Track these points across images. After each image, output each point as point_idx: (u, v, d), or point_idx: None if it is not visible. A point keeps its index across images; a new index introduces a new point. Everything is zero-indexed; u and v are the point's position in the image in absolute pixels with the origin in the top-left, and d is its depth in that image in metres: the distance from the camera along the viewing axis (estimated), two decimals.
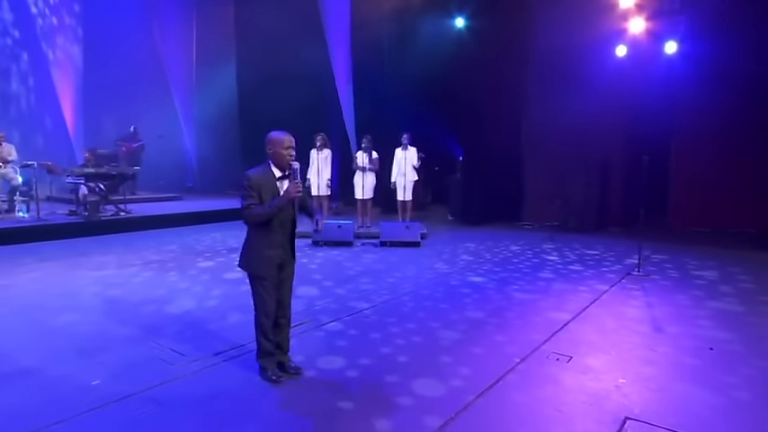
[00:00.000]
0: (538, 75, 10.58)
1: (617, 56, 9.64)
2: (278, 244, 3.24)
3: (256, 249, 3.20)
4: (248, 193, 3.09)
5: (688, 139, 9.58)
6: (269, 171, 3.19)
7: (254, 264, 3.21)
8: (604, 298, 5.34)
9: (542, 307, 5.03)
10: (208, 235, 9.10)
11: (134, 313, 4.71)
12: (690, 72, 8.99)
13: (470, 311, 4.89)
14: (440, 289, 5.68)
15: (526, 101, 10.90)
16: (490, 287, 5.78)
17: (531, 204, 10.91)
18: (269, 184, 3.13)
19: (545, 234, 9.48)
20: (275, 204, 3.10)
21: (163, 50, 15.88)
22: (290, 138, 3.22)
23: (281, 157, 3.17)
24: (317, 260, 7.09)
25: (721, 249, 7.95)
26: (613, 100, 9.70)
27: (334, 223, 8.16)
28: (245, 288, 5.65)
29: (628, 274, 6.36)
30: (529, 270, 6.62)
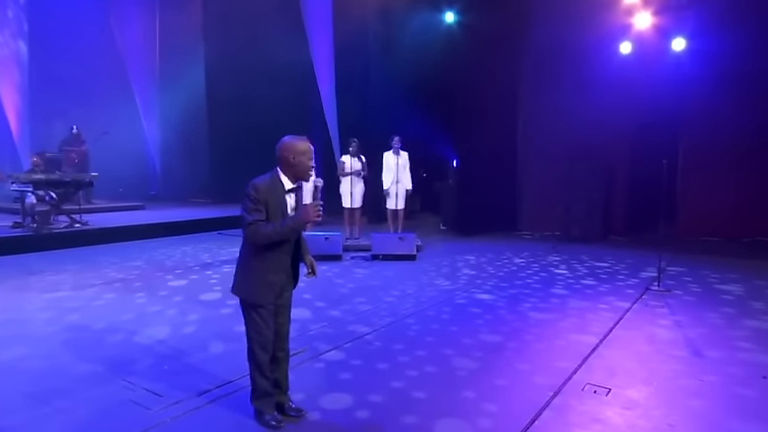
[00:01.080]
0: (535, 74, 10.49)
1: (621, 53, 9.61)
2: (282, 267, 2.94)
3: (257, 273, 2.88)
4: (255, 207, 2.76)
5: (697, 141, 9.58)
6: (278, 181, 2.88)
7: (253, 290, 2.89)
8: (629, 317, 5.15)
9: (563, 328, 4.81)
10: (177, 249, 8.66)
11: (97, 344, 4.29)
12: (699, 71, 8.99)
13: (484, 335, 4.63)
14: (446, 309, 5.42)
15: (523, 102, 10.80)
16: (501, 305, 5.55)
17: (530, 212, 10.78)
18: (277, 196, 2.84)
19: (548, 245, 9.33)
20: (290, 226, 2.77)
21: (122, 44, 15.33)
22: (311, 148, 2.93)
23: (305, 168, 2.87)
24: (303, 277, 6.72)
25: (739, 260, 7.90)
26: (617, 101, 9.64)
27: (320, 235, 7.87)
28: (225, 311, 5.37)
29: (647, 289, 6.21)
30: (539, 285, 6.43)
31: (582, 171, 9.91)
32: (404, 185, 8.77)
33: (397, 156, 8.73)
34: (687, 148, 9.87)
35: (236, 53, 13.69)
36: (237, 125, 13.80)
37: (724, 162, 9.40)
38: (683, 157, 9.99)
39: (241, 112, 13.64)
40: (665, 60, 9.37)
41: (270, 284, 2.89)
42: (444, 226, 11.28)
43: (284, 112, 12.56)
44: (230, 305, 5.43)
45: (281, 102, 12.54)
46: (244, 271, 2.93)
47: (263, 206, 2.78)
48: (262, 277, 2.88)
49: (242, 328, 4.85)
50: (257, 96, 13.11)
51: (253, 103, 13.31)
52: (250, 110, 13.33)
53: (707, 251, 8.63)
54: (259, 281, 2.88)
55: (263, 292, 2.89)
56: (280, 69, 12.48)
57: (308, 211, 2.77)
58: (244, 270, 2.93)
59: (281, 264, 2.92)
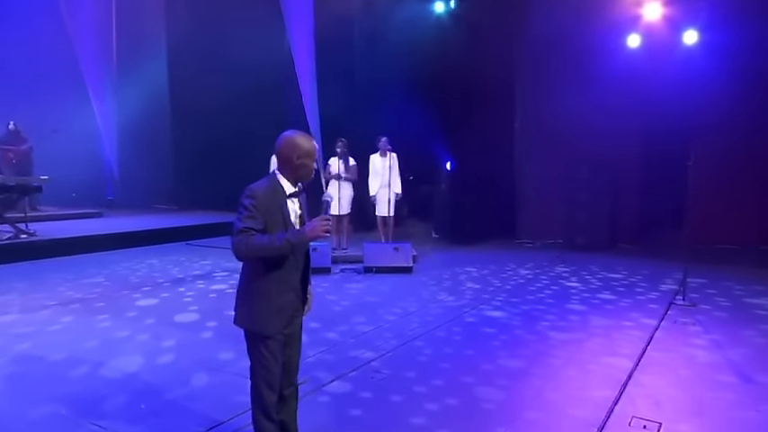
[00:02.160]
0: (535, 70, 10.40)
1: (629, 47, 9.57)
2: (291, 286, 2.66)
3: (261, 296, 2.59)
4: (250, 214, 2.49)
5: (709, 142, 9.54)
6: (277, 185, 2.61)
7: (259, 318, 2.59)
8: (659, 336, 5.00)
9: (591, 350, 4.62)
10: (142, 262, 8.24)
11: (56, 379, 3.91)
12: (712, 66, 8.96)
13: (504, 359, 4.42)
14: (456, 328, 5.19)
15: (522, 100, 10.71)
16: (516, 324, 5.36)
17: (530, 219, 10.66)
18: (277, 203, 2.57)
19: (552, 254, 9.21)
20: (290, 240, 2.49)
21: (74, 33, 14.71)
22: (316, 149, 2.66)
23: (309, 171, 2.62)
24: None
25: (762, 270, 7.90)
26: (624, 98, 9.59)
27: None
28: (206, 335, 5.02)
29: (671, 304, 6.10)
30: (553, 300, 6.26)
31: (586, 174, 9.83)
32: (393, 190, 8.56)
33: (385, 158, 8.52)
34: (699, 150, 9.81)
35: (203, 43, 13.28)
36: (206, 123, 13.40)
37: (739, 164, 9.41)
38: (694, 159, 9.97)
39: (209, 109, 13.24)
40: (675, 55, 9.35)
41: (278, 309, 2.61)
42: (437, 234, 11.09)
43: (259, 108, 12.23)
44: (211, 327, 5.10)
45: (255, 97, 12.20)
46: (246, 295, 2.64)
47: (261, 215, 2.51)
48: (268, 301, 2.59)
49: (228, 354, 4.61)
50: (228, 91, 12.73)
51: (223, 99, 12.92)
52: (220, 106, 12.95)
53: (724, 260, 8.60)
54: (265, 306, 2.59)
55: (271, 319, 2.60)
56: (254, 62, 12.13)
57: (314, 226, 2.51)
58: (246, 294, 2.64)
59: (289, 282, 2.64)
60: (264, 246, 2.46)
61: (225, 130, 12.96)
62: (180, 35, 14.13)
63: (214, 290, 6.60)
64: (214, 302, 6.01)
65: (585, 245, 9.67)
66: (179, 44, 14.20)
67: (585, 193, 9.76)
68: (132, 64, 14.83)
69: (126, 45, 15.14)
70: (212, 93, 13.10)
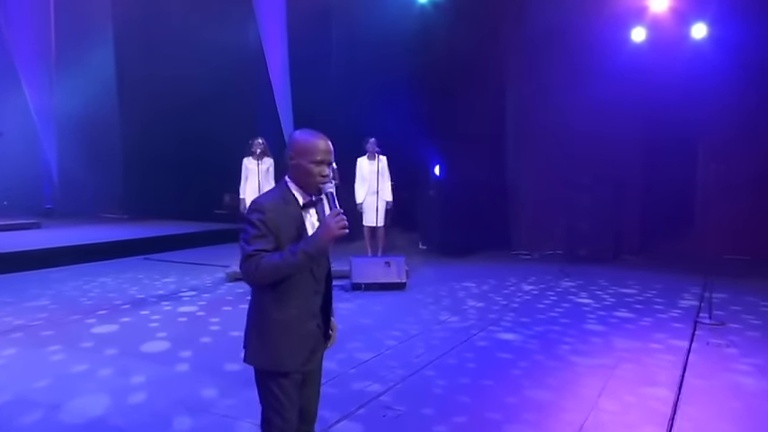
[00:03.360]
0: (531, 66, 10.36)
1: (633, 41, 9.60)
2: (312, 313, 2.41)
3: (278, 326, 2.32)
4: (259, 233, 2.22)
5: (719, 145, 9.66)
6: (289, 196, 2.35)
7: (276, 352, 2.33)
8: (694, 361, 4.88)
9: (623, 378, 4.46)
10: (93, 281, 7.79)
11: (1, 428, 3.52)
12: (722, 62, 9.05)
13: (529, 389, 4.23)
14: (467, 354, 4.99)
15: (517, 99, 10.66)
16: (533, 348, 5.19)
17: (527, 229, 10.59)
18: (291, 216, 2.32)
19: (554, 267, 9.13)
20: (305, 250, 2.22)
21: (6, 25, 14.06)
22: (326, 142, 2.38)
23: (307, 174, 2.34)
24: None
25: None
26: (628, 96, 9.63)
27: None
28: (182, 367, 4.64)
29: (697, 323, 6.01)
30: (567, 320, 6.14)
31: (588, 179, 9.79)
32: (382, 197, 8.36)
33: (373, 161, 8.32)
34: (708, 153, 9.95)
35: (157, 29, 12.85)
36: (161, 120, 12.96)
37: (751, 168, 9.49)
38: (702, 163, 10.06)
39: (165, 105, 12.82)
40: (683, 50, 9.42)
41: (297, 341, 2.35)
42: (424, 245, 10.91)
43: (224, 106, 11.87)
44: (186, 359, 4.76)
45: (220, 93, 11.84)
46: (258, 327, 2.36)
47: (272, 232, 2.25)
48: (284, 333, 2.33)
49: (211, 391, 4.25)
50: (187, 85, 12.35)
51: (181, 94, 12.54)
52: (178, 102, 12.55)
53: (739, 273, 8.63)
54: (281, 338, 2.33)
55: (289, 354, 2.34)
56: (218, 52, 11.81)
57: (328, 225, 2.24)
58: (258, 326, 2.36)
59: (310, 309, 2.39)
60: (278, 265, 2.20)
61: (184, 130, 12.56)
62: (130, 20, 13.62)
63: (183, 313, 6.23)
64: (185, 328, 5.65)
65: (588, 256, 9.61)
66: (128, 30, 13.69)
67: (588, 200, 9.72)
68: (73, 52, 14.28)
69: (66, 30, 14.52)
70: (169, 87, 12.69)
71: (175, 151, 12.94)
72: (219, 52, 11.85)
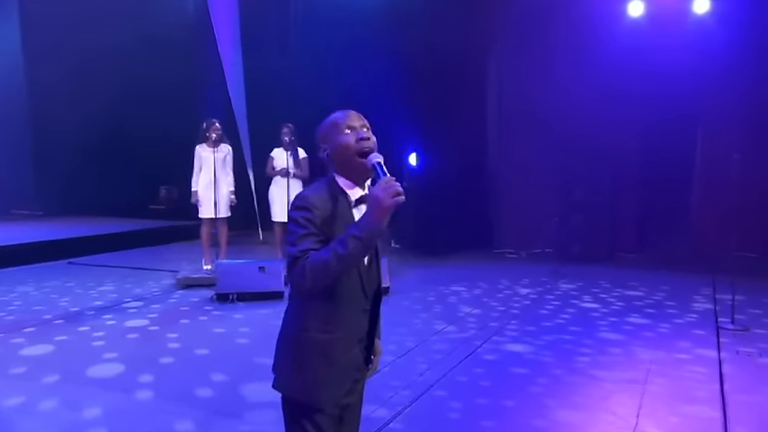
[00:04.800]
0: (518, 45, 10.30)
1: (630, 16, 9.62)
2: (357, 335, 2.18)
3: (320, 351, 2.09)
4: (307, 232, 1.98)
5: (722, 130, 9.78)
6: (337, 190, 2.12)
7: (311, 381, 2.09)
8: (729, 372, 4.83)
9: (659, 395, 4.37)
10: (12, 291, 7.28)
11: None
12: (726, 40, 9.12)
13: (556, 410, 4.10)
14: (477, 370, 4.83)
15: (502, 81, 10.60)
16: (549, 361, 5.08)
17: (512, 225, 10.53)
18: (341, 215, 2.08)
19: (546, 267, 9.10)
20: (356, 235, 1.93)
21: None
22: (352, 112, 2.19)
23: (345, 149, 2.11)
24: (242, 330, 5.84)
25: None
26: (624, 76, 9.61)
27: (249, 264, 7.10)
28: (144, 395, 4.25)
29: (719, 329, 6.02)
30: (577, 327, 6.07)
31: (581, 171, 9.78)
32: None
33: None
34: (708, 138, 10.10)
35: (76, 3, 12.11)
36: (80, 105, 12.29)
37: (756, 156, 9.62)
38: (701, 152, 10.21)
39: (85, 88, 12.17)
40: (684, 26, 9.49)
41: (339, 369, 2.12)
42: (397, 243, 10.71)
43: (160, 84, 11.33)
44: (147, 384, 4.40)
45: (153, 70, 11.28)
46: (292, 348, 2.12)
47: (322, 231, 2.01)
48: (325, 358, 2.09)
49: (186, 424, 3.91)
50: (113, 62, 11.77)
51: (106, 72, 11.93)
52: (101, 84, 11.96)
53: (750, 272, 8.69)
54: (321, 365, 2.09)
55: (328, 385, 2.10)
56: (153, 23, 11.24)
57: (377, 196, 1.93)
58: (292, 347, 2.12)
59: (355, 329, 2.16)
60: (327, 261, 1.93)
61: (111, 113, 11.97)
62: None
63: (132, 327, 5.83)
64: (138, 346, 5.27)
65: (582, 255, 9.60)
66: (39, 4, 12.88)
67: (581, 191, 9.70)
68: None
69: None
70: (91, 63, 12.07)
71: (100, 138, 12.30)
72: (156, 22, 11.30)
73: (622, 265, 9.43)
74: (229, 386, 4.42)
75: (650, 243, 10.21)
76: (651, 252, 10.05)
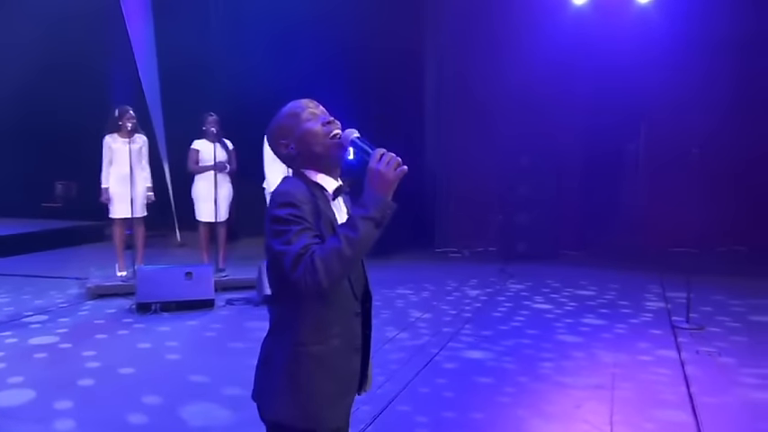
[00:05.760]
0: (457, 34, 10.38)
1: (574, 4, 9.84)
2: (355, 344, 2.16)
3: (317, 364, 2.04)
4: (302, 227, 1.92)
5: (664, 127, 10.20)
6: (312, 184, 2.10)
7: (313, 402, 2.04)
8: (693, 374, 4.99)
9: (629, 401, 4.51)
10: None
11: None
12: (670, 31, 9.46)
13: (529, 421, 4.16)
14: (439, 380, 4.84)
15: (442, 77, 10.66)
16: (512, 368, 5.16)
17: (454, 223, 10.61)
18: (323, 212, 2.04)
19: (492, 266, 9.24)
20: (364, 215, 1.90)
21: None
22: (311, 101, 2.21)
23: (312, 137, 2.11)
24: (171, 345, 5.62)
25: (740, 278, 8.56)
26: (568, 67, 9.88)
27: (174, 269, 6.88)
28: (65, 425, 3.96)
29: (675, 328, 6.26)
30: (534, 331, 6.21)
31: (527, 162, 9.94)
32: None
33: None
34: (651, 136, 10.51)
35: None
36: None
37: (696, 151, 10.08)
38: (645, 148, 10.62)
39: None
40: (627, 16, 9.79)
41: (339, 385, 2.11)
42: None
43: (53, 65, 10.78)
44: (67, 412, 4.15)
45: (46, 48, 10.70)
46: (286, 365, 2.04)
47: (312, 224, 1.97)
48: (324, 372, 2.05)
49: None
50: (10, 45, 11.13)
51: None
52: None
53: (694, 268, 9.03)
54: (320, 381, 2.05)
55: (329, 404, 2.08)
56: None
57: (379, 171, 1.96)
58: (285, 363, 2.04)
59: (350, 335, 2.13)
60: (340, 249, 1.86)
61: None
62: None
63: (38, 345, 5.50)
64: (48, 367, 4.98)
65: (527, 253, 9.78)
66: None
67: (526, 187, 9.86)
68: None
69: None
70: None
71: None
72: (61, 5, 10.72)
73: (568, 263, 9.68)
74: (165, 409, 4.24)
75: (594, 240, 10.51)
76: (595, 249, 10.35)
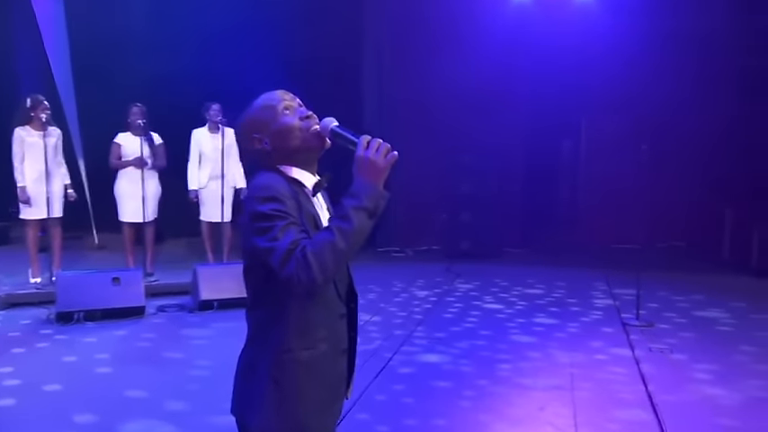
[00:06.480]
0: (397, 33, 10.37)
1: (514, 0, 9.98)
2: (342, 346, 2.09)
3: (306, 371, 1.96)
4: (287, 222, 1.84)
5: (602, 123, 10.45)
6: (291, 180, 2.02)
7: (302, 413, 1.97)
8: (648, 372, 5.10)
9: (590, 402, 4.59)
10: None
11: None
12: (612, 29, 9.65)
13: (493, 425, 4.17)
14: (397, 387, 4.80)
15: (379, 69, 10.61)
16: (470, 371, 5.18)
17: (398, 222, 10.55)
18: (305, 205, 1.98)
19: (438, 266, 9.28)
20: (356, 206, 1.84)
21: None
22: (285, 92, 2.12)
23: (288, 131, 2.02)
24: (101, 357, 5.37)
25: (682, 273, 8.86)
26: (509, 70, 9.97)
27: (99, 274, 6.63)
28: None
29: (625, 326, 6.40)
30: (487, 332, 6.26)
31: (470, 160, 10.00)
32: (230, 183, 7.90)
33: (217, 134, 7.83)
34: (590, 131, 10.74)
35: None
36: None
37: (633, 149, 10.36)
38: (586, 145, 10.85)
39: None
40: (569, 12, 9.97)
41: (327, 392, 2.04)
42: None
43: None
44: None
45: None
46: (272, 375, 1.95)
47: (296, 218, 1.89)
48: (313, 378, 1.98)
49: None
50: None
51: None
52: None
53: (636, 264, 9.34)
54: (310, 389, 1.97)
55: (319, 412, 2.01)
56: None
57: (369, 158, 1.92)
58: (269, 374, 1.95)
59: (336, 337, 2.05)
60: (334, 242, 1.80)
61: None
62: None
63: None
64: None
65: (471, 252, 9.84)
66: None
67: (469, 185, 9.90)
68: None
69: None
70: None
71: None
72: None
73: (513, 261, 9.81)
74: (102, 429, 4.01)
75: (536, 238, 10.67)
76: (537, 247, 10.51)
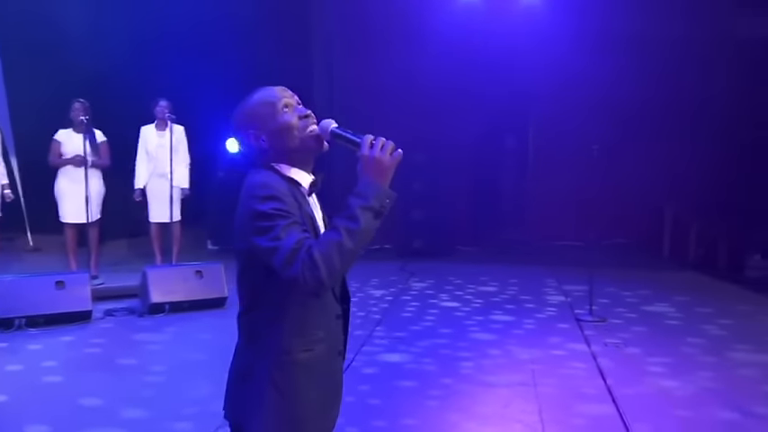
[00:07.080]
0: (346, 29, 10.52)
1: None
2: (338, 347, 2.16)
3: (305, 372, 2.01)
4: (289, 221, 1.87)
5: (550, 122, 10.71)
6: (288, 179, 2.05)
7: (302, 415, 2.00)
8: (606, 366, 5.29)
9: (554, 397, 4.73)
10: None
11: None
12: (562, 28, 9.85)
13: (463, 424, 4.28)
14: (362, 387, 4.85)
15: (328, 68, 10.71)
16: (433, 370, 5.29)
17: None
18: (302, 208, 2.01)
19: (391, 264, 9.40)
20: (363, 205, 1.88)
21: None
22: (285, 89, 2.15)
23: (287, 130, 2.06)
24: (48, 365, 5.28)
25: (629, 270, 9.18)
26: (458, 65, 10.15)
27: (41, 278, 6.49)
28: None
29: (579, 321, 6.63)
30: (447, 329, 6.40)
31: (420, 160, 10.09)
32: (177, 182, 7.83)
33: (164, 132, 7.80)
34: (537, 130, 11.01)
35: None
36: None
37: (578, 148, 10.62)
38: (534, 145, 11.11)
39: None
40: (517, 11, 10.18)
41: (326, 394, 2.09)
42: (215, 244, 10.29)
43: None
44: None
45: None
46: (269, 379, 1.97)
47: (297, 217, 1.93)
48: (311, 381, 2.01)
49: None
50: None
51: None
52: None
53: (583, 261, 9.65)
54: (309, 390, 2.01)
55: (319, 414, 2.06)
56: None
57: (374, 157, 1.97)
58: (268, 378, 1.98)
59: (333, 338, 2.11)
60: (341, 241, 1.82)
61: None
62: None
63: None
64: None
65: (423, 250, 9.98)
66: None
67: (420, 184, 10.00)
68: None
69: None
70: None
71: None
72: None
73: (465, 259, 10.03)
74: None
75: (486, 236, 10.88)
76: (487, 245, 10.72)
